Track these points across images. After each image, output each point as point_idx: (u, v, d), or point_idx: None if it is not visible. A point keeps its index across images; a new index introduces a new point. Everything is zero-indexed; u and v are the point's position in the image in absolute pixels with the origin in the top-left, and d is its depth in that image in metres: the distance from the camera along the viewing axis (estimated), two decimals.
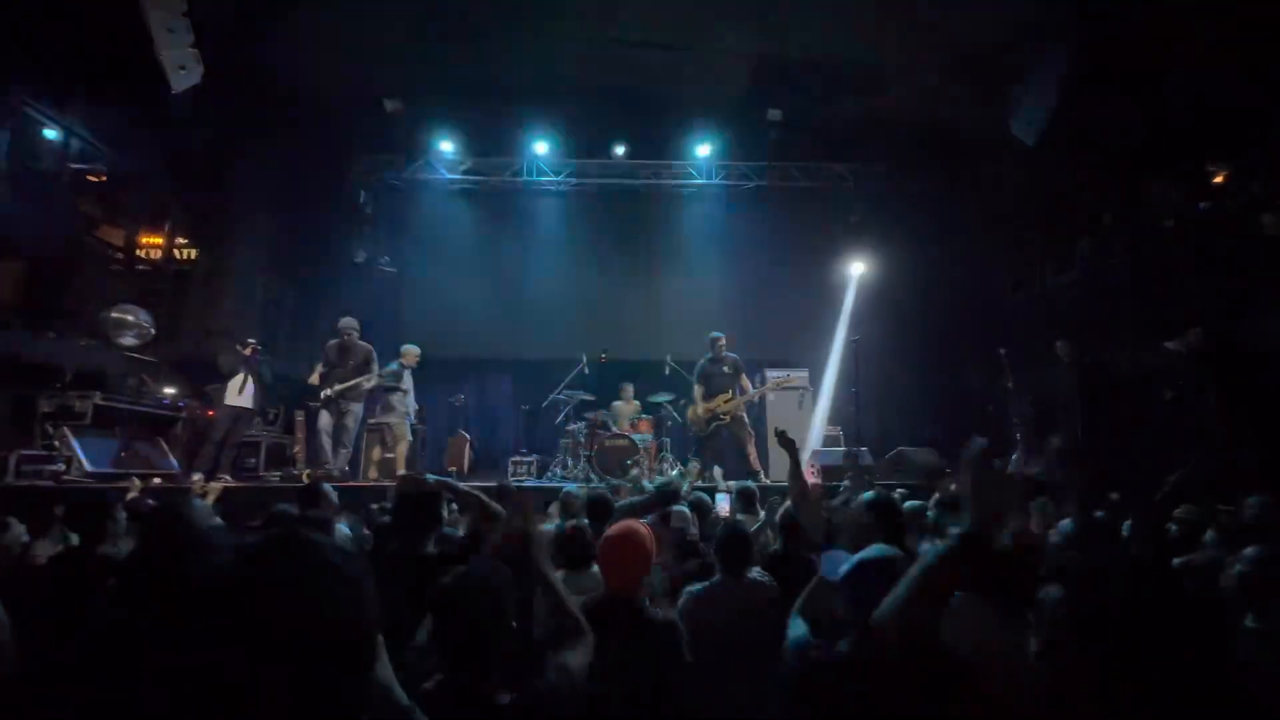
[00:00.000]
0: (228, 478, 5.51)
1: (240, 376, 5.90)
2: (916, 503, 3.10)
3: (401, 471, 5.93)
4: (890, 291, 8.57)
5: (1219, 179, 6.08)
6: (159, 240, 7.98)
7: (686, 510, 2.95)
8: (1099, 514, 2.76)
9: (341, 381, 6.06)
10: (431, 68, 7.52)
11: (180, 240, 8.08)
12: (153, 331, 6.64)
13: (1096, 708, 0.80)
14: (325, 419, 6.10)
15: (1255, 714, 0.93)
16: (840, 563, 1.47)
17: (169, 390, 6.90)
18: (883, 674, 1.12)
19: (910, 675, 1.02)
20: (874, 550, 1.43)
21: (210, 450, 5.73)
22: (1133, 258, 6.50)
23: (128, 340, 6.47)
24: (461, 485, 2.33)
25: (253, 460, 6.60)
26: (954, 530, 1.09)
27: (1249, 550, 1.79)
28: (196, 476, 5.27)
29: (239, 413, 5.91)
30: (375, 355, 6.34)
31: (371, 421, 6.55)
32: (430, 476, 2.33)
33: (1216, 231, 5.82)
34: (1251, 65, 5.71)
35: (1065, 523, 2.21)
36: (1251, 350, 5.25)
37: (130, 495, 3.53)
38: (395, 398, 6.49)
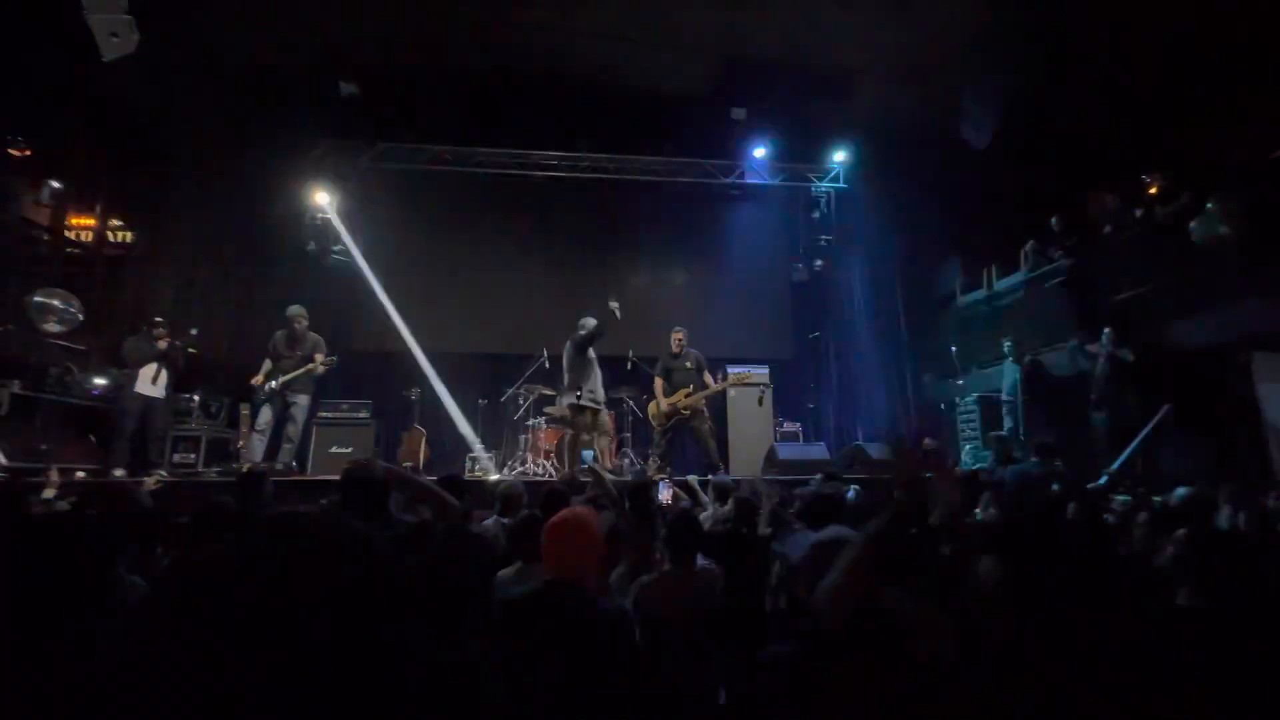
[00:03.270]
0: (163, 473, 5.21)
1: (153, 365, 5.51)
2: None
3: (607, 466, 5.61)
4: (849, 290, 8.75)
5: (1153, 189, 6.42)
6: (90, 221, 7.47)
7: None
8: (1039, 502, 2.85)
9: (287, 373, 5.81)
10: (391, 52, 7.29)
11: (114, 222, 7.59)
12: (80, 318, 6.21)
13: (1029, 672, 0.81)
14: (265, 416, 5.82)
15: (1184, 681, 0.96)
16: (802, 545, 1.46)
17: (99, 381, 6.47)
18: (826, 665, 1.12)
19: (851, 655, 1.02)
20: (829, 531, 1.43)
21: (122, 445, 5.29)
22: (1073, 261, 6.80)
23: (52, 327, 6.03)
24: (416, 476, 2.25)
25: (192, 455, 6.28)
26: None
27: (1179, 532, 1.87)
28: (118, 472, 4.96)
29: (150, 403, 5.50)
30: (324, 345, 6.10)
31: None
32: (382, 464, 2.25)
33: (1150, 237, 6.14)
34: (1183, 87, 6.05)
35: (991, 511, 2.28)
36: (1177, 350, 5.55)
37: (46, 492, 3.28)
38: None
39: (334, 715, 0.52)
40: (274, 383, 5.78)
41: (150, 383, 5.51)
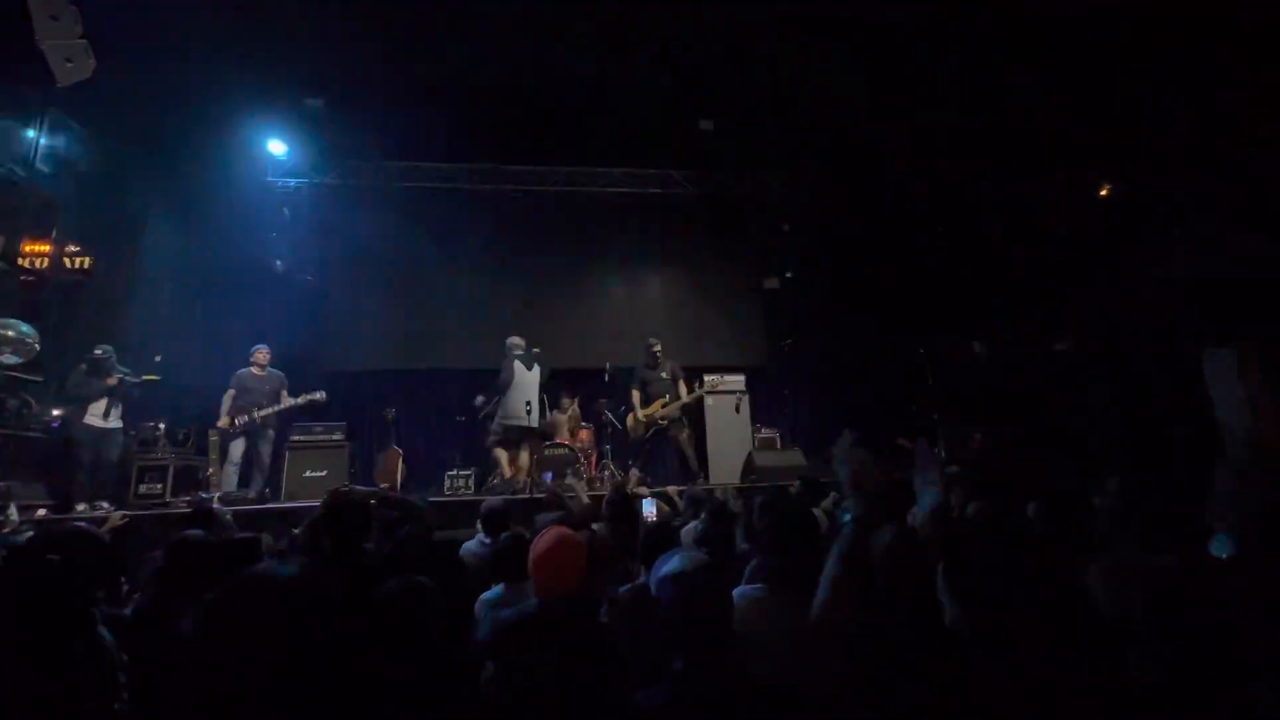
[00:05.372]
0: (108, 506, 5.03)
1: (103, 400, 5.38)
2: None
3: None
4: (819, 296, 8.91)
5: (1104, 191, 6.72)
6: (45, 248, 7.22)
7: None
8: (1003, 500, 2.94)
9: (259, 408, 5.98)
10: (358, 67, 7.25)
11: (71, 248, 7.36)
12: (37, 348, 6.00)
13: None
14: (237, 449, 5.90)
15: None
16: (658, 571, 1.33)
17: (58, 413, 6.24)
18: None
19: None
20: (675, 563, 1.31)
21: (81, 479, 5.15)
22: (1026, 260, 7.05)
23: (8, 358, 5.82)
24: (382, 489, 2.28)
25: (159, 486, 6.09)
26: (846, 518, 1.18)
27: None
28: (80, 507, 4.82)
29: (103, 434, 5.36)
30: (285, 379, 6.31)
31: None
32: (359, 489, 2.27)
33: (1101, 238, 6.41)
34: (1135, 90, 6.31)
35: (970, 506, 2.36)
36: (1131, 347, 5.79)
37: (4, 530, 3.17)
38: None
39: None
40: (253, 415, 5.93)
41: (102, 417, 5.35)
